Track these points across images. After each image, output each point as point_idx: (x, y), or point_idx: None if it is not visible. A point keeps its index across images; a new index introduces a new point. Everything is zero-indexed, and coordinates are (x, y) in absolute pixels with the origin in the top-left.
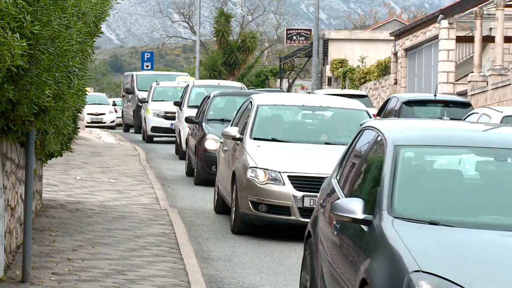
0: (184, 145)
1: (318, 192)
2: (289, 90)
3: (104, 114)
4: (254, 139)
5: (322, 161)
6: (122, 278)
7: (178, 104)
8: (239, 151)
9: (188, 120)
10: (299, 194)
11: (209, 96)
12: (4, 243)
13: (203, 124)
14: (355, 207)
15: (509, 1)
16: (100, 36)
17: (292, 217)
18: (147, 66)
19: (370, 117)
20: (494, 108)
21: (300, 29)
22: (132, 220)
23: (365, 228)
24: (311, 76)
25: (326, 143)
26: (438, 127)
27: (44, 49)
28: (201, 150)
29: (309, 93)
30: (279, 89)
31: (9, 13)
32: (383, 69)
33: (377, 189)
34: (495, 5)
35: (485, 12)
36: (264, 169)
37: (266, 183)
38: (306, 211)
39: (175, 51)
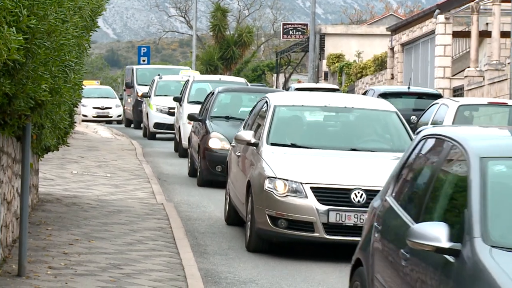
0: (184, 143)
1: (344, 206)
2: (285, 84)
3: (110, 108)
4: (272, 144)
5: (348, 170)
6: (118, 272)
7: (178, 99)
8: (255, 158)
9: (190, 117)
10: (324, 208)
11: (213, 92)
12: (0, 237)
13: (207, 121)
14: (438, 234)
15: None
16: (96, 31)
17: (316, 234)
18: (144, 60)
19: (401, 119)
20: (451, 98)
21: (296, 24)
22: (129, 214)
23: (451, 259)
24: (307, 71)
25: (352, 149)
26: None
27: (41, 43)
28: (205, 149)
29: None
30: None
31: (5, 7)
32: (380, 64)
33: (461, 211)
34: (491, 0)
35: (481, 7)
36: (284, 179)
37: (286, 195)
38: (331, 227)
39: (172, 45)
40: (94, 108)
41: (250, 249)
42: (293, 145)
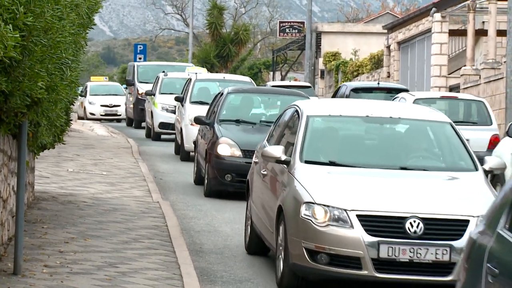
0: (187, 145)
1: (398, 237)
2: None
3: (119, 106)
4: (306, 162)
5: (400, 194)
6: (114, 270)
7: (180, 99)
8: (286, 179)
9: (197, 120)
10: (373, 240)
11: (222, 93)
12: None
13: (215, 125)
14: None
15: None
16: (93, 28)
17: (364, 272)
18: (140, 58)
19: (456, 131)
20: (410, 93)
21: (293, 22)
22: (124, 212)
23: None
24: (304, 69)
25: (402, 168)
26: None
27: (37, 40)
28: (213, 156)
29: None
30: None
31: (2, 4)
32: (376, 62)
33: None
34: None
35: (478, 6)
36: (324, 205)
37: (327, 224)
38: (382, 264)
39: (168, 43)
40: (102, 106)
41: (282, 286)
42: (331, 163)
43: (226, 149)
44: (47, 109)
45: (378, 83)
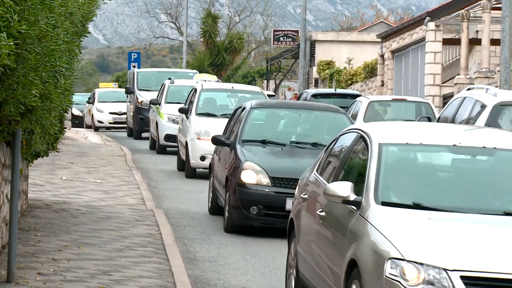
0: (193, 161)
1: None
2: (275, 91)
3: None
4: (383, 204)
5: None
6: (108, 278)
7: (184, 111)
8: (359, 225)
9: (216, 140)
10: None
11: (243, 107)
12: None
13: (237, 146)
14: None
15: (495, 4)
16: (87, 36)
17: None
18: (134, 66)
19: None
20: (366, 96)
21: (287, 31)
22: (118, 220)
23: None
24: (298, 77)
25: (507, 214)
26: None
27: (31, 48)
28: (236, 184)
29: (296, 95)
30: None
31: None
32: (370, 71)
33: None
34: (482, 8)
35: (472, 15)
36: (417, 262)
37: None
38: None
39: (162, 51)
40: (110, 113)
41: None
42: (416, 206)
43: (252, 176)
44: (41, 117)
45: (335, 89)
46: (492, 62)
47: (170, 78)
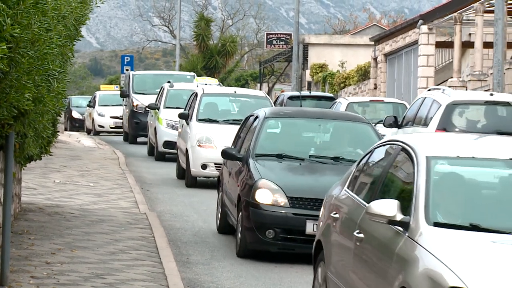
0: (194, 170)
1: None
2: (269, 94)
3: None
4: (435, 225)
5: None
6: (101, 282)
7: (185, 116)
8: (408, 248)
9: (226, 154)
10: None
11: (256, 116)
12: None
13: (251, 161)
14: None
15: (488, 7)
16: (80, 40)
17: None
18: (127, 69)
19: None
20: (345, 98)
21: (280, 34)
22: (111, 223)
23: None
24: (291, 80)
25: None
26: None
27: (24, 52)
28: (249, 204)
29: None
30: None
31: None
32: (363, 74)
33: None
34: (474, 11)
35: (464, 18)
36: None
37: None
38: None
39: (155, 55)
40: (112, 117)
41: None
42: (473, 227)
43: (267, 195)
44: (34, 121)
45: (310, 92)
46: (485, 65)
47: (169, 81)
